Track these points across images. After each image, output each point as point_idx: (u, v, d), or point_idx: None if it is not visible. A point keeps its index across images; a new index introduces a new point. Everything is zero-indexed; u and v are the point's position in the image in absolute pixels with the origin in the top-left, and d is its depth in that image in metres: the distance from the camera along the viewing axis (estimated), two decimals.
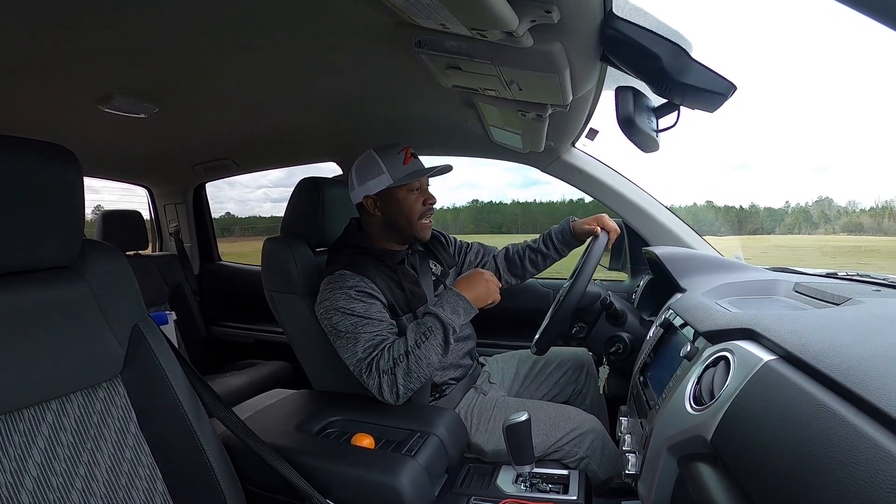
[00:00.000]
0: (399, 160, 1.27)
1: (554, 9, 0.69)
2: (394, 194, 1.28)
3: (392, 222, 1.31)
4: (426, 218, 1.32)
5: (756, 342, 0.66)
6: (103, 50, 0.99)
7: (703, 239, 1.69)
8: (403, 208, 1.29)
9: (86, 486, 0.73)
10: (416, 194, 1.30)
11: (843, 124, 30.82)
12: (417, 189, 1.30)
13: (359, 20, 0.86)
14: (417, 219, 1.30)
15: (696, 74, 0.84)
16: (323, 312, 1.19)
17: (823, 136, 28.92)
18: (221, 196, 8.41)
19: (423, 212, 1.31)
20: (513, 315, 1.89)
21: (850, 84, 40.83)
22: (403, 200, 1.28)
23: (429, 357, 1.11)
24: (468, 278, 1.22)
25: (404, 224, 1.30)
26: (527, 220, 8.84)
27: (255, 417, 1.23)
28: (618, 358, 1.42)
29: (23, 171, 0.69)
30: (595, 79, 1.06)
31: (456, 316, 1.15)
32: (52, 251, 0.75)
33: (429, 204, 1.31)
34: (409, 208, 1.29)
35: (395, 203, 1.29)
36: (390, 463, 0.99)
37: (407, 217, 1.29)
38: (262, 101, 1.40)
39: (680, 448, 0.70)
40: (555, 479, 1.13)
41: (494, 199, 14.66)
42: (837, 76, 47.16)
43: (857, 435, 0.40)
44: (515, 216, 9.27)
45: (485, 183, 47.30)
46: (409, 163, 1.28)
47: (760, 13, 25.37)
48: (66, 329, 0.76)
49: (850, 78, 47.15)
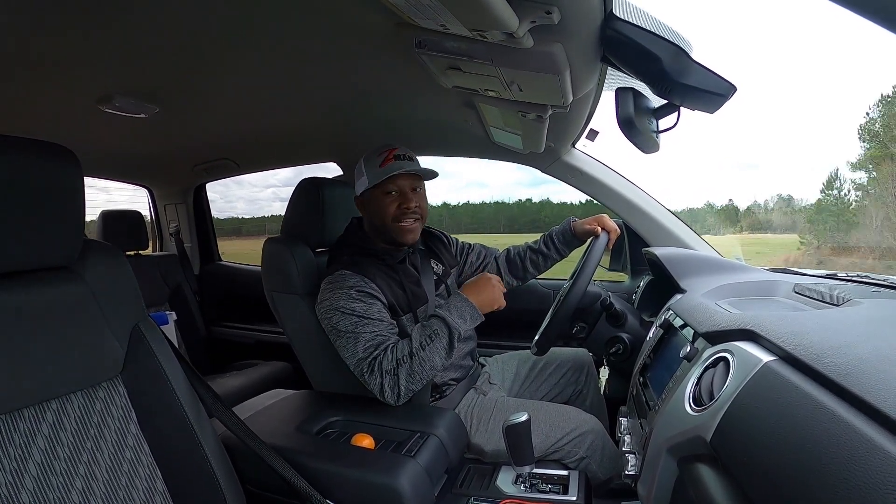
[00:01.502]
0: (378, 162, 1.27)
1: (554, 10, 0.69)
2: (371, 196, 1.29)
3: (372, 224, 1.32)
4: (403, 221, 1.28)
5: (756, 343, 0.66)
6: (104, 50, 0.99)
7: (702, 240, 1.69)
8: (378, 210, 1.28)
9: (86, 486, 0.73)
10: (391, 197, 1.27)
11: (773, 121, 30.76)
12: (394, 192, 1.27)
13: (359, 21, 0.86)
14: (391, 221, 1.27)
15: (696, 75, 0.84)
16: (323, 312, 1.19)
17: (752, 134, 28.79)
18: (231, 195, 8.43)
19: (398, 215, 1.27)
20: (513, 316, 1.89)
21: (775, 82, 40.84)
22: (378, 203, 1.28)
23: (432, 360, 1.12)
24: (475, 284, 1.23)
25: (380, 225, 1.30)
26: (451, 220, 8.89)
27: (255, 418, 1.23)
28: (618, 358, 1.42)
29: (23, 171, 0.69)
30: (595, 80, 1.06)
31: (462, 321, 1.16)
32: (52, 251, 0.75)
33: (404, 208, 1.27)
34: (383, 210, 1.27)
35: (373, 205, 1.29)
36: (390, 463, 0.99)
37: (381, 218, 1.28)
38: (262, 101, 1.40)
39: (679, 449, 0.70)
40: (555, 480, 1.13)
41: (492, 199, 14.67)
42: (764, 73, 47.09)
43: (857, 436, 0.40)
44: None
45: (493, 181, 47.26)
46: (385, 165, 1.26)
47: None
48: (67, 329, 0.76)
49: (776, 75, 47.17)
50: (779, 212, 4.02)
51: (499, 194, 43.55)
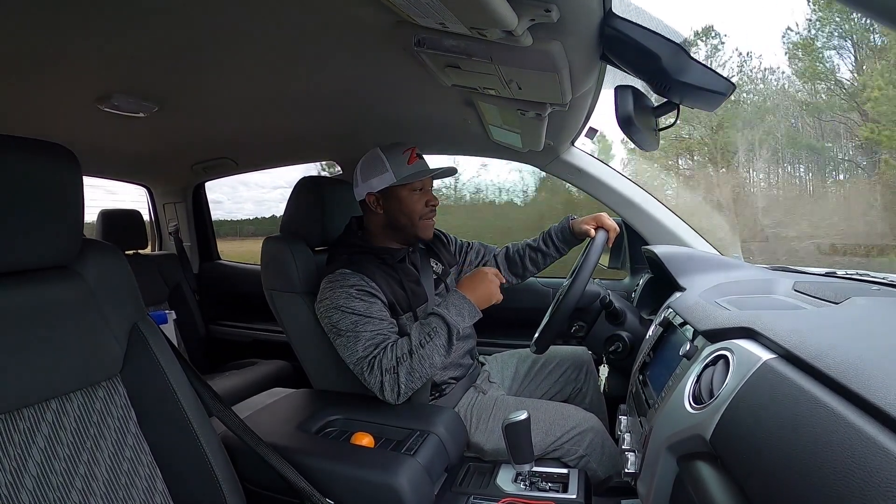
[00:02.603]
0: (404, 159, 1.28)
1: (553, 8, 0.69)
2: (396, 193, 1.29)
3: (394, 221, 1.31)
4: (428, 218, 1.32)
5: (755, 341, 0.66)
6: (103, 49, 0.98)
7: (702, 238, 1.69)
8: (405, 207, 1.29)
9: (86, 486, 0.73)
10: (418, 194, 1.30)
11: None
12: (420, 189, 1.30)
13: (358, 19, 0.86)
14: (419, 218, 1.30)
15: (695, 73, 0.84)
16: (323, 311, 1.19)
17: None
18: (238, 196, 8.39)
19: (425, 212, 1.31)
20: (512, 314, 1.89)
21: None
22: (406, 199, 1.29)
23: (432, 357, 1.12)
24: (471, 279, 1.23)
25: (405, 223, 1.30)
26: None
27: (254, 417, 1.23)
28: (617, 357, 1.43)
29: (22, 171, 0.69)
30: (594, 78, 1.06)
31: (461, 318, 1.16)
32: (51, 250, 0.75)
33: (431, 205, 1.32)
34: (411, 207, 1.29)
35: (398, 201, 1.29)
36: (390, 462, 0.99)
37: (408, 216, 1.30)
38: (261, 100, 1.40)
39: (679, 447, 0.70)
40: (554, 478, 1.13)
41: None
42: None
43: (857, 433, 0.40)
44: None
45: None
46: (413, 162, 1.28)
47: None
48: (66, 328, 0.76)
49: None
50: None
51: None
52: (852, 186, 7.40)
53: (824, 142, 7.71)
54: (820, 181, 7.86)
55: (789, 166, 8.12)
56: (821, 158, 7.68)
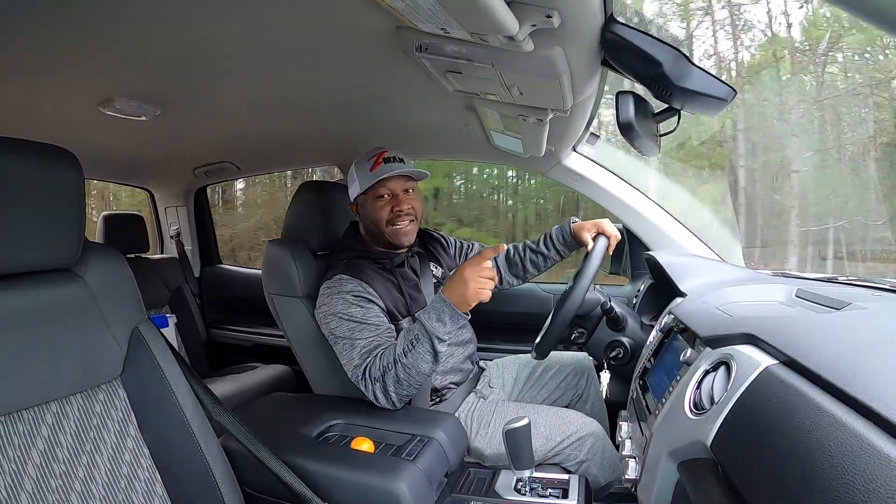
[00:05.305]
0: (367, 166, 1.26)
1: (554, 13, 0.69)
2: (364, 201, 1.29)
3: (367, 228, 1.33)
4: (396, 224, 1.27)
5: (756, 347, 0.66)
6: (105, 52, 0.99)
7: (704, 244, 1.69)
8: (370, 215, 1.28)
9: (85, 489, 0.73)
10: (383, 201, 1.27)
11: None
12: (386, 195, 1.27)
13: (360, 25, 0.86)
14: (385, 225, 1.27)
15: (696, 79, 0.84)
16: (321, 317, 1.19)
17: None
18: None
19: (391, 218, 1.27)
20: (513, 319, 1.89)
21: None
22: (371, 207, 1.28)
23: (418, 366, 1.08)
24: (450, 280, 1.11)
25: (375, 230, 1.30)
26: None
27: (254, 421, 1.23)
28: (618, 363, 1.42)
29: (24, 173, 0.69)
30: (596, 83, 1.06)
31: (440, 323, 1.07)
32: (52, 253, 0.75)
33: (398, 210, 1.26)
34: (376, 215, 1.27)
35: (364, 209, 1.30)
36: (390, 467, 0.99)
37: (375, 223, 1.28)
38: (263, 104, 1.40)
39: (680, 453, 0.69)
40: (555, 484, 1.12)
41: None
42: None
43: (858, 440, 0.40)
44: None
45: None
46: (376, 168, 1.25)
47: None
48: (67, 331, 0.76)
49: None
50: None
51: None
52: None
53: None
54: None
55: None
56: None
